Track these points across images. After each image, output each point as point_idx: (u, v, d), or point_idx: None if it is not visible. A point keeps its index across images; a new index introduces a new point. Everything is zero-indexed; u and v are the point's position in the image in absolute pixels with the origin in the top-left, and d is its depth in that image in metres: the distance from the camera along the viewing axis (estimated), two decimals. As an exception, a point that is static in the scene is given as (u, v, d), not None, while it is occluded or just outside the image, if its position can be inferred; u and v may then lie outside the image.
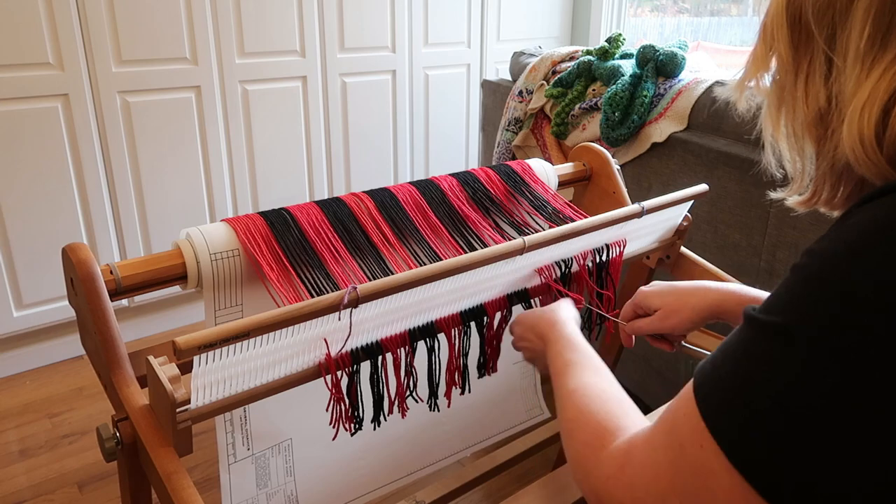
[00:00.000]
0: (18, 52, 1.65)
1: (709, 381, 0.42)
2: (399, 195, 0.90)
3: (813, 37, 0.46)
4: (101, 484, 1.49)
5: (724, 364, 0.42)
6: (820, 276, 0.38)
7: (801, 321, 0.38)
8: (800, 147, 0.51)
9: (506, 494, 1.40)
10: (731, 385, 0.40)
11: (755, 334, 0.41)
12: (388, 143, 2.42)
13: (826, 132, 0.47)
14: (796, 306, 0.39)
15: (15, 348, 1.89)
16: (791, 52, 0.48)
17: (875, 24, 0.42)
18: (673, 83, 1.43)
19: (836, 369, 0.35)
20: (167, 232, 2.00)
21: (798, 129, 0.50)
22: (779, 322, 0.39)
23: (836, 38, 0.45)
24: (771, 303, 0.41)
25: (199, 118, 1.98)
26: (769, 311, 0.40)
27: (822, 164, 0.49)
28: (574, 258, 0.92)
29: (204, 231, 0.76)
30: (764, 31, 0.50)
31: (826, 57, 0.46)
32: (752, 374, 0.39)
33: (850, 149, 0.43)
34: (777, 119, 0.52)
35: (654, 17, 2.74)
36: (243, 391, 0.68)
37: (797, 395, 0.37)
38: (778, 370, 0.38)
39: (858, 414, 0.35)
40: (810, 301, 0.38)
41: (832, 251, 0.38)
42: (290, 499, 0.95)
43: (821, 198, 0.51)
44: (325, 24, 2.14)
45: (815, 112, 0.47)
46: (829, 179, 0.50)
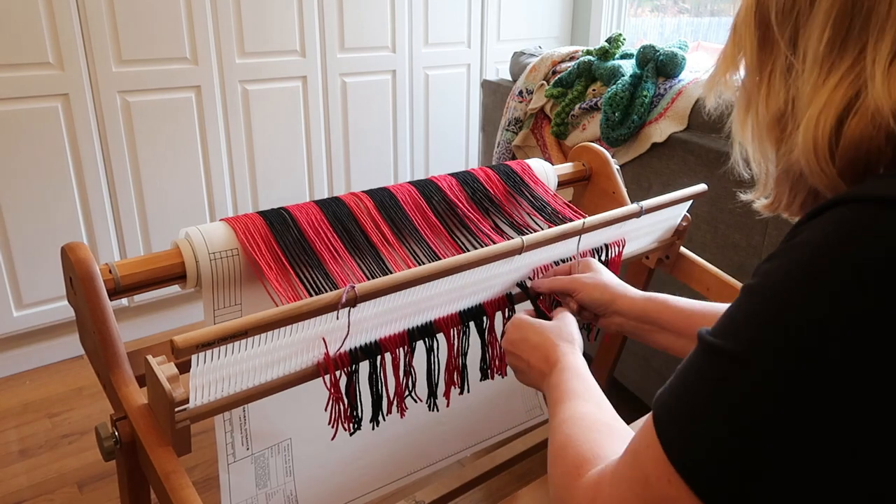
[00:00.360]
0: (18, 52, 1.65)
1: (666, 411, 0.42)
2: (398, 195, 0.90)
3: (776, 39, 0.47)
4: (101, 484, 1.49)
5: (680, 392, 0.41)
6: (772, 300, 0.38)
7: (755, 347, 0.37)
8: (763, 149, 0.51)
9: (506, 494, 1.40)
10: (688, 416, 0.40)
11: (709, 360, 0.40)
12: (388, 143, 2.42)
13: (783, 135, 0.47)
14: (750, 331, 0.38)
15: (15, 348, 1.89)
16: (756, 52, 0.49)
17: (834, 29, 0.42)
18: (673, 83, 1.43)
19: (793, 395, 0.35)
20: (167, 231, 2.00)
21: (761, 131, 0.50)
22: (733, 348, 0.38)
23: (798, 41, 0.45)
24: (725, 326, 0.40)
25: (199, 118, 1.98)
26: (723, 336, 0.40)
27: (779, 167, 0.49)
28: (572, 258, 0.92)
29: (203, 230, 0.76)
30: (734, 31, 0.51)
31: (787, 59, 0.46)
32: (708, 401, 0.39)
33: (804, 157, 0.43)
34: (744, 119, 0.52)
35: (654, 17, 2.74)
36: (242, 390, 0.68)
37: (754, 421, 0.36)
38: (733, 396, 0.37)
39: (815, 437, 0.35)
40: (763, 326, 0.37)
41: (784, 273, 0.38)
42: (290, 499, 0.95)
43: (781, 203, 0.51)
44: (325, 24, 2.14)
45: (774, 113, 0.47)
46: (785, 184, 0.50)
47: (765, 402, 0.36)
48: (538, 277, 0.87)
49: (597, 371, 1.34)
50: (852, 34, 0.42)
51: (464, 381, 0.90)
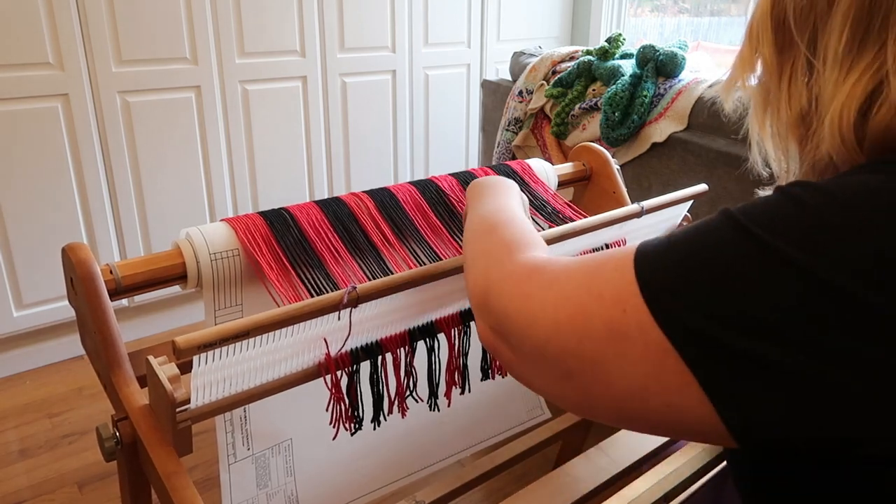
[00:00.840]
0: (18, 52, 1.65)
1: (656, 256, 0.40)
2: (399, 195, 0.90)
3: (795, 40, 0.47)
4: (101, 484, 1.49)
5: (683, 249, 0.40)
6: (817, 212, 0.37)
7: (789, 246, 0.36)
8: (784, 147, 0.52)
9: (506, 494, 1.40)
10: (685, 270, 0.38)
11: (732, 232, 0.38)
12: (388, 143, 2.42)
13: (808, 132, 0.48)
14: (787, 231, 0.37)
15: (15, 348, 1.89)
16: (775, 54, 0.49)
17: (852, 29, 0.43)
18: (673, 83, 1.43)
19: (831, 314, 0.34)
20: (167, 232, 2.00)
21: (782, 130, 0.51)
22: (763, 237, 0.37)
23: (817, 42, 0.46)
24: (755, 214, 0.39)
25: (199, 118, 1.98)
26: (766, 228, 0.38)
27: (805, 164, 0.50)
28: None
29: (204, 231, 0.76)
30: (750, 33, 0.51)
31: (807, 60, 0.47)
32: (718, 270, 0.37)
33: (835, 150, 0.44)
34: (763, 119, 0.53)
35: (654, 17, 2.74)
36: (243, 391, 0.68)
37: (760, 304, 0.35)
38: (764, 291, 0.36)
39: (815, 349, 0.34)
40: (803, 231, 0.36)
41: (837, 196, 0.37)
42: (291, 499, 0.95)
43: None
44: (325, 24, 2.14)
45: (797, 113, 0.48)
46: (811, 178, 0.50)
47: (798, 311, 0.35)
48: None
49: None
50: (871, 33, 0.42)
51: (465, 381, 0.90)
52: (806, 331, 0.35)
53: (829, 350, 0.34)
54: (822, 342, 0.34)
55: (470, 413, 1.11)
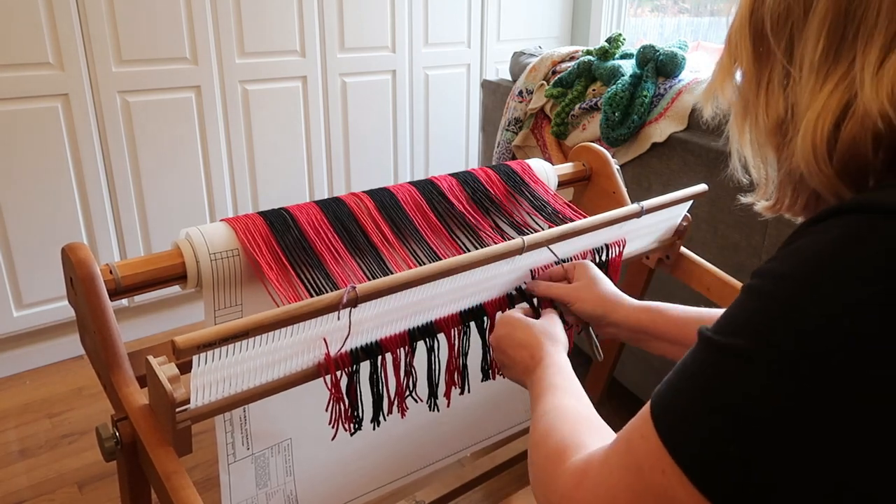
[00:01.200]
0: (18, 52, 1.65)
1: (665, 404, 0.42)
2: (399, 195, 0.90)
3: (772, 49, 0.48)
4: (101, 484, 1.49)
5: (680, 386, 0.42)
6: (777, 300, 0.38)
7: (759, 344, 0.38)
8: (763, 154, 0.52)
9: (506, 494, 1.40)
10: (689, 409, 0.40)
11: (711, 355, 0.41)
12: (388, 143, 2.42)
13: (784, 140, 0.48)
14: (753, 329, 0.39)
15: (15, 348, 1.89)
16: (753, 62, 0.50)
17: (829, 38, 0.43)
18: (673, 83, 1.43)
19: (795, 392, 0.36)
20: (167, 232, 2.00)
21: (760, 137, 0.51)
22: (736, 344, 0.39)
23: (794, 50, 0.46)
24: (726, 324, 0.41)
25: (199, 118, 1.98)
26: (725, 333, 0.40)
27: (781, 172, 0.51)
28: (574, 258, 0.92)
29: (204, 231, 0.76)
30: (729, 42, 0.52)
31: (784, 68, 0.47)
32: (711, 396, 0.39)
33: (803, 160, 0.45)
34: (742, 127, 0.53)
35: (654, 17, 2.74)
36: (243, 391, 0.68)
37: (756, 415, 0.37)
38: (735, 391, 0.38)
39: (815, 437, 0.35)
40: (767, 325, 0.38)
41: (789, 274, 0.39)
42: (290, 498, 0.95)
43: (783, 204, 0.52)
44: (325, 24, 2.14)
45: (774, 121, 0.49)
46: (787, 187, 0.51)
47: (766, 399, 0.37)
48: (535, 278, 0.87)
49: (597, 371, 1.34)
50: (846, 42, 0.43)
51: (464, 381, 0.90)
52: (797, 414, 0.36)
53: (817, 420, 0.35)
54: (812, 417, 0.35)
55: (470, 413, 1.11)
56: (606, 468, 0.45)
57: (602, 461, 0.46)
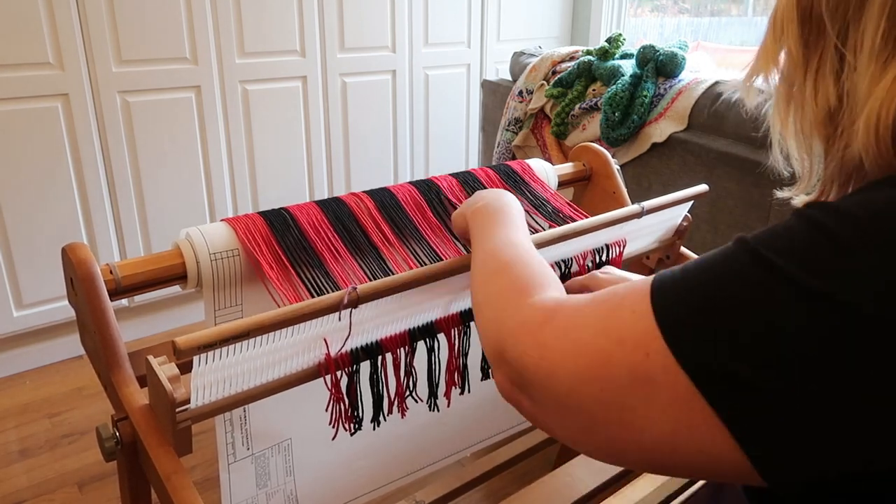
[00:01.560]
0: (18, 52, 1.65)
1: (674, 291, 0.39)
2: (399, 195, 0.90)
3: (825, 32, 0.44)
4: (101, 484, 1.49)
5: (701, 280, 0.38)
6: (844, 242, 0.35)
7: (816, 280, 0.35)
8: (808, 145, 0.49)
9: (506, 494, 1.40)
10: (705, 304, 0.37)
11: (752, 267, 0.37)
12: (388, 143, 2.42)
13: (836, 131, 0.45)
14: (812, 262, 0.35)
15: (15, 348, 1.89)
16: (801, 47, 0.46)
17: (890, 20, 0.40)
18: (673, 83, 1.43)
19: (840, 341, 0.33)
20: (167, 232, 2.00)
21: (806, 127, 0.48)
22: (788, 269, 0.36)
23: (849, 34, 0.43)
24: (776, 242, 0.37)
25: (199, 118, 1.98)
26: (776, 251, 0.37)
27: (831, 164, 0.47)
28: (574, 258, 0.92)
29: (204, 231, 0.76)
30: (773, 25, 0.48)
31: (838, 53, 0.44)
32: (735, 303, 0.36)
33: (865, 148, 0.42)
34: (785, 116, 0.50)
35: (654, 17, 2.74)
36: (243, 391, 0.68)
37: (788, 348, 0.34)
38: (772, 316, 0.35)
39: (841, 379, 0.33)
40: (829, 264, 0.35)
41: (860, 221, 0.36)
42: (290, 498, 0.95)
43: (828, 197, 0.49)
44: (325, 24, 2.14)
45: (824, 110, 0.45)
46: (837, 179, 0.48)
47: (805, 337, 0.34)
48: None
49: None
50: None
51: (464, 381, 0.90)
52: (830, 360, 0.33)
53: (856, 378, 0.33)
54: (847, 370, 0.33)
55: (470, 413, 1.11)
56: (580, 318, 0.42)
57: (575, 310, 0.43)
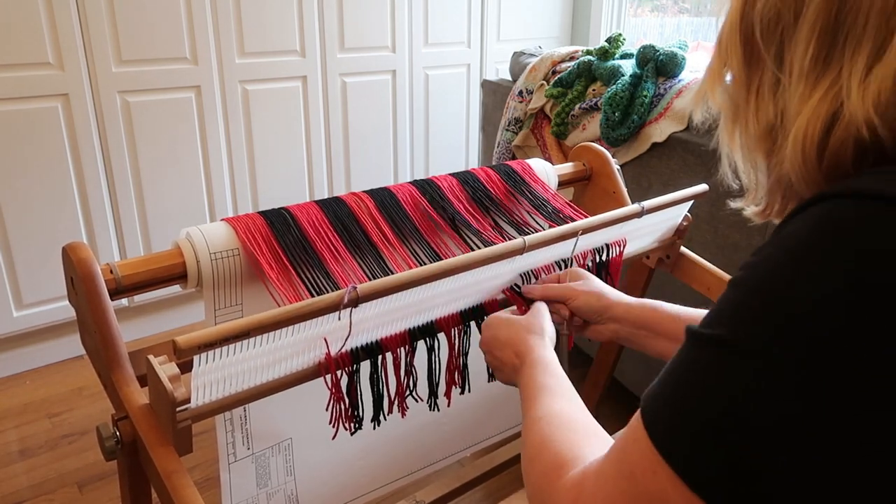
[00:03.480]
0: (18, 52, 1.65)
1: (654, 403, 0.42)
2: (399, 195, 0.90)
3: (762, 54, 0.47)
4: (101, 484, 1.49)
5: (669, 384, 0.42)
6: (761, 287, 0.38)
7: (746, 334, 0.38)
8: (752, 160, 0.52)
9: (506, 494, 1.40)
10: (678, 404, 0.40)
11: (698, 350, 0.41)
12: (388, 143, 2.42)
13: (773, 146, 0.48)
14: (740, 319, 0.39)
15: (15, 348, 1.89)
16: (743, 67, 0.49)
17: (818, 44, 0.43)
18: (673, 83, 1.43)
19: (784, 381, 0.35)
20: (167, 231, 2.00)
21: (750, 143, 0.50)
22: (722, 335, 0.39)
23: (783, 55, 0.46)
24: (713, 318, 0.41)
25: (199, 118, 1.98)
26: (710, 325, 0.40)
27: (771, 177, 0.50)
28: (574, 258, 0.92)
29: (204, 230, 0.76)
30: (719, 45, 0.51)
31: (774, 74, 0.47)
32: (698, 390, 0.39)
33: (793, 166, 0.44)
34: (732, 132, 0.52)
35: (654, 17, 2.74)
36: (243, 390, 0.68)
37: (745, 408, 0.36)
38: (724, 384, 0.38)
39: (807, 425, 0.35)
40: (753, 313, 0.38)
41: (772, 260, 0.39)
42: (290, 498, 0.95)
43: (773, 210, 0.52)
44: (325, 24, 2.14)
45: (764, 127, 0.48)
46: (777, 192, 0.50)
47: (756, 388, 0.36)
48: (531, 282, 0.87)
49: (597, 371, 1.34)
50: (836, 48, 0.42)
51: (464, 381, 0.90)
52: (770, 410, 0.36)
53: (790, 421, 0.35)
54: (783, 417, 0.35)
55: (470, 413, 1.11)
56: (602, 479, 0.45)
57: (597, 472, 0.46)
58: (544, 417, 0.59)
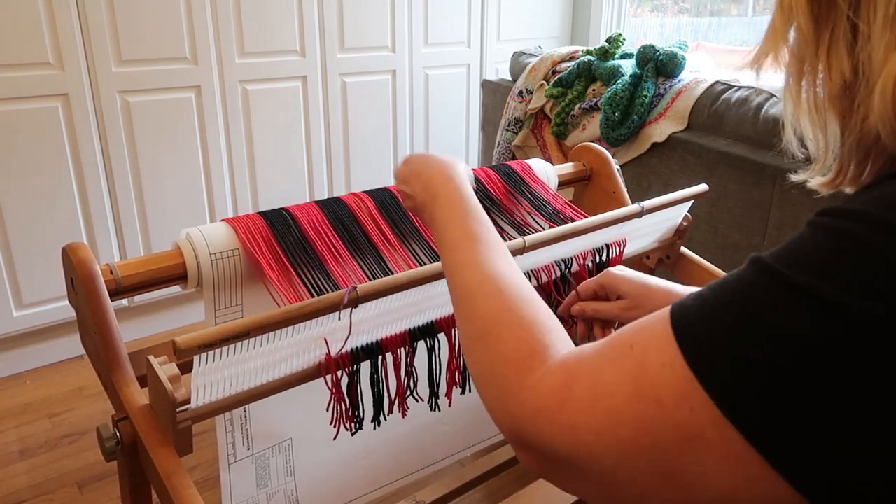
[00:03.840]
0: (18, 52, 1.65)
1: (700, 328, 0.37)
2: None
3: (836, 4, 0.43)
4: (101, 484, 1.49)
5: (723, 311, 0.37)
6: (863, 244, 0.34)
7: (839, 289, 0.33)
8: (823, 123, 0.47)
9: (506, 494, 1.40)
10: (735, 339, 0.35)
11: (772, 287, 0.36)
12: (388, 143, 2.42)
13: (852, 104, 0.44)
14: (833, 270, 0.34)
15: (15, 348, 1.89)
16: (811, 22, 0.44)
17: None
18: (673, 83, 1.43)
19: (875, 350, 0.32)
20: (167, 232, 2.00)
21: (821, 104, 0.46)
22: (809, 283, 0.34)
23: (861, 4, 0.42)
24: (792, 256, 0.36)
25: (199, 118, 1.98)
26: (793, 266, 0.36)
27: (849, 140, 0.45)
28: (574, 258, 0.92)
29: (204, 231, 0.76)
30: (782, 3, 0.46)
31: (851, 24, 0.42)
32: (766, 330, 0.34)
33: (882, 119, 0.40)
34: (798, 95, 0.48)
35: (654, 17, 2.74)
36: (243, 391, 0.68)
37: (823, 366, 0.33)
38: (802, 334, 0.33)
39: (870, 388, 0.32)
40: (851, 269, 0.34)
41: (878, 219, 0.34)
42: (291, 499, 0.95)
43: (846, 177, 0.47)
44: (325, 24, 2.14)
45: (839, 84, 0.44)
46: (855, 156, 0.46)
47: (838, 351, 0.33)
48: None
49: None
50: None
51: (465, 381, 0.90)
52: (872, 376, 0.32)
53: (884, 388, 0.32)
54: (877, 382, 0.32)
55: (470, 413, 1.11)
56: (603, 386, 0.39)
57: (592, 375, 0.40)
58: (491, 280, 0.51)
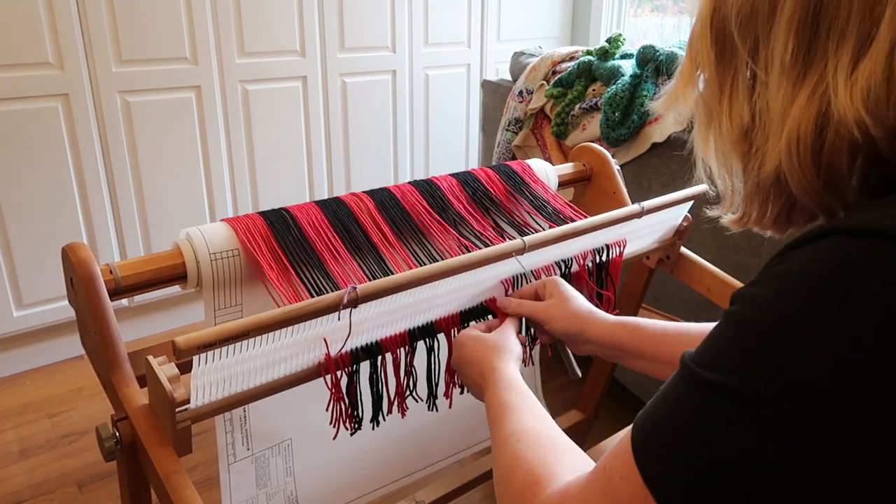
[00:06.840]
0: (18, 52, 1.65)
1: (647, 441, 0.40)
2: (399, 195, 0.90)
3: (737, 51, 0.45)
4: (101, 484, 1.49)
5: (661, 418, 0.40)
6: (759, 331, 0.36)
7: (740, 381, 0.36)
8: (728, 165, 0.49)
9: (506, 494, 1.40)
10: (671, 445, 0.38)
11: (693, 391, 0.39)
12: (388, 143, 2.42)
13: (750, 149, 0.46)
14: (734, 363, 0.37)
15: (15, 348, 1.89)
16: (716, 67, 0.47)
17: (799, 37, 0.40)
18: (673, 83, 1.43)
19: (776, 430, 0.34)
20: (167, 232, 2.00)
21: (725, 146, 0.48)
22: (717, 380, 0.37)
23: (760, 52, 0.43)
24: (707, 354, 0.39)
25: (199, 118, 1.98)
26: (706, 366, 0.38)
27: (748, 183, 0.48)
28: (574, 258, 0.92)
29: (204, 231, 0.76)
30: (690, 47, 0.49)
31: (750, 72, 0.45)
32: (693, 433, 0.37)
33: (788, 171, 0.42)
34: (706, 136, 0.50)
35: (654, 17, 2.74)
36: (243, 391, 0.68)
37: (737, 453, 0.35)
38: (719, 430, 0.36)
39: (798, 472, 0.34)
40: (748, 358, 0.36)
41: (770, 302, 0.37)
42: (290, 499, 0.95)
43: (751, 217, 0.50)
44: (325, 24, 2.14)
45: (739, 129, 0.46)
46: (756, 198, 0.48)
47: (747, 435, 0.35)
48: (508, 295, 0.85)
49: (597, 371, 1.34)
50: (818, 42, 0.40)
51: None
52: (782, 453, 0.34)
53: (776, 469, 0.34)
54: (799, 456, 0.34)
55: (470, 413, 1.11)
56: None
57: (579, 496, 0.44)
58: (513, 435, 0.57)
